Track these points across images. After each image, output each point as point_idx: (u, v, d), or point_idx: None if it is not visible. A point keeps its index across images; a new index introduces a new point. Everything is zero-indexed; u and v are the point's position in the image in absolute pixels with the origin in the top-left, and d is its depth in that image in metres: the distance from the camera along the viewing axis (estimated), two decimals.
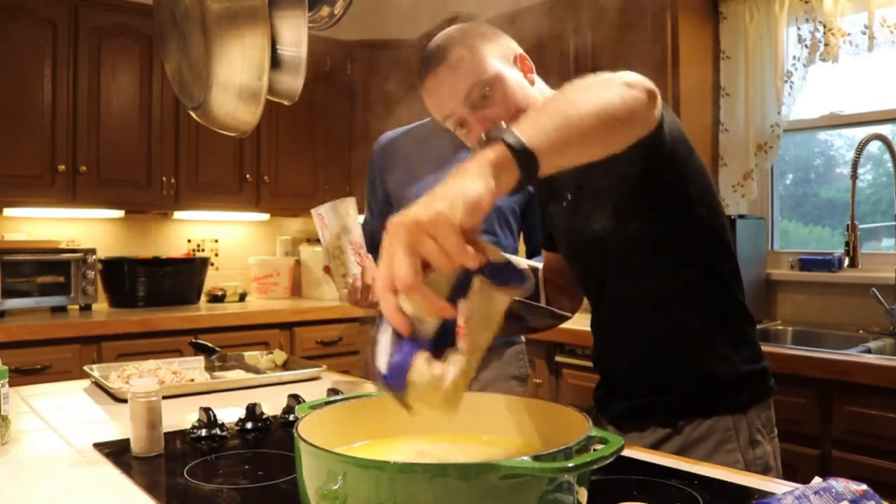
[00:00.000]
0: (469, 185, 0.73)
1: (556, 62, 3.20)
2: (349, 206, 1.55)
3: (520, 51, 1.26)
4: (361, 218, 1.99)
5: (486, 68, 1.19)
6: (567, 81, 0.94)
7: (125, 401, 1.22)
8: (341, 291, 1.57)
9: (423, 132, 1.94)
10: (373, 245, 1.80)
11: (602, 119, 0.88)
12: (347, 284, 1.56)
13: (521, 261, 1.51)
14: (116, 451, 1.14)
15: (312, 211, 1.56)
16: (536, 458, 0.64)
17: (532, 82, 1.24)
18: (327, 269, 1.58)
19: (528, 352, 1.96)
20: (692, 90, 2.90)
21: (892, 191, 2.51)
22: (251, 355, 1.94)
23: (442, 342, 0.73)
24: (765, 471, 1.19)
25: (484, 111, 1.19)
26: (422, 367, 0.71)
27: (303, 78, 1.25)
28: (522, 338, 1.95)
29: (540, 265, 1.48)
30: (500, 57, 1.22)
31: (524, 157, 0.77)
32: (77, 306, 3.25)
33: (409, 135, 1.97)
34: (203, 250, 3.91)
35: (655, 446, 1.23)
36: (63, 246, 3.33)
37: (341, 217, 1.54)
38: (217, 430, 1.23)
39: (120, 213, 3.54)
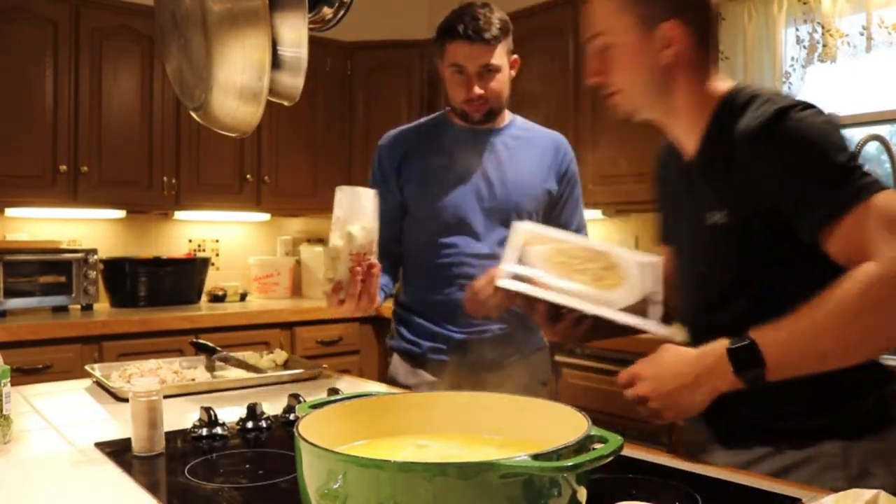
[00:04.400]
0: (698, 400, 0.94)
1: (556, 61, 3.20)
2: (368, 199, 1.48)
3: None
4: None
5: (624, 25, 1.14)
6: (564, 80, 0.94)
7: (126, 400, 1.23)
8: (324, 289, 1.51)
9: (431, 128, 1.81)
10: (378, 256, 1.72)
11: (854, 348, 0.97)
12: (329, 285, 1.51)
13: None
14: (117, 451, 1.15)
15: (337, 189, 1.50)
16: (536, 457, 0.64)
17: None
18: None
19: None
20: None
21: None
22: (251, 355, 1.94)
23: None
24: None
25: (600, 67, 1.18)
26: None
27: (303, 79, 1.25)
28: (546, 342, 1.89)
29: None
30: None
31: (754, 384, 0.92)
32: (78, 306, 3.25)
33: (417, 132, 1.82)
34: (204, 250, 3.91)
35: (752, 463, 1.11)
36: (64, 246, 3.34)
37: (355, 211, 1.46)
38: (218, 430, 1.23)
39: (121, 214, 3.55)
